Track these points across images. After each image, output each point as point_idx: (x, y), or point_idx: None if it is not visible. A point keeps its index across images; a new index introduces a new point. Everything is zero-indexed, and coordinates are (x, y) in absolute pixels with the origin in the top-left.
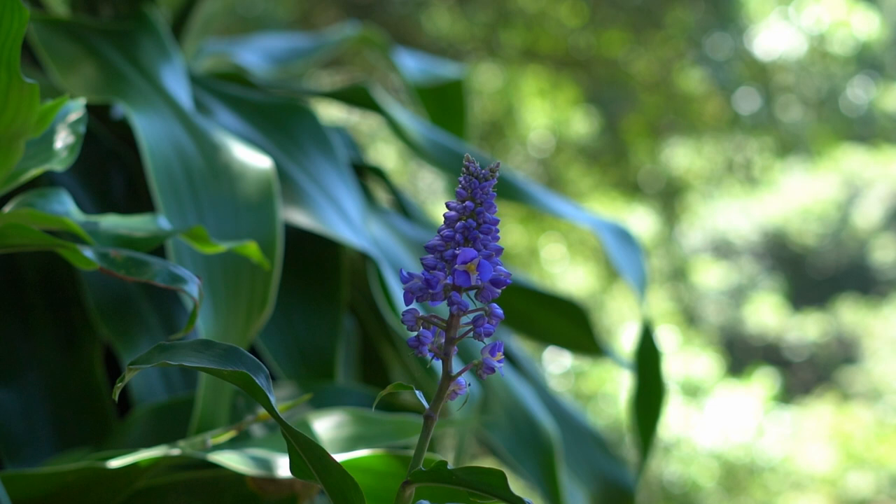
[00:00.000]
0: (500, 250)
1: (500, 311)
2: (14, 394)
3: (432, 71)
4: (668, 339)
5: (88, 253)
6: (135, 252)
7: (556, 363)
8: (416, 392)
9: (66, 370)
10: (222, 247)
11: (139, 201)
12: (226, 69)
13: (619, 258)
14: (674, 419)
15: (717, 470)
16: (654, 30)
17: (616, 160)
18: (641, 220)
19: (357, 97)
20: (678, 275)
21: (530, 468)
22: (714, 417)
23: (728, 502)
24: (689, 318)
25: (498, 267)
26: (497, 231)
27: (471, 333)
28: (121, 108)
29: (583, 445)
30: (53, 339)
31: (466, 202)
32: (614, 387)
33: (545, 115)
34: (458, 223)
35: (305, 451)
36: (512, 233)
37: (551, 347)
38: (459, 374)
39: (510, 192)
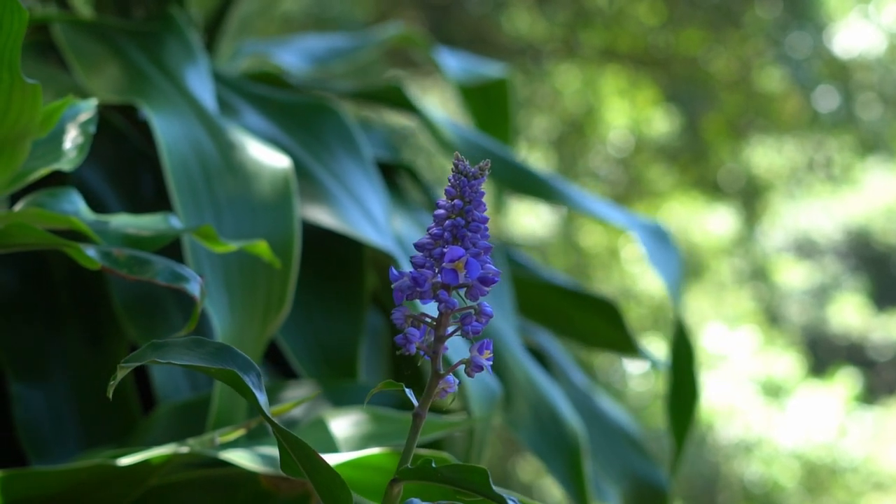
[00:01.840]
0: (488, 248)
1: (489, 309)
2: (41, 392)
3: (475, 70)
4: (749, 338)
5: (91, 252)
6: (138, 251)
7: (636, 363)
8: (406, 390)
9: (93, 369)
10: (233, 246)
11: (168, 201)
12: (263, 69)
13: (653, 257)
14: (755, 419)
15: (798, 470)
16: (732, 28)
17: (695, 159)
18: (721, 220)
19: (391, 96)
20: (759, 274)
21: (556, 467)
22: (796, 417)
23: (810, 503)
24: (772, 317)
25: (487, 265)
26: (486, 229)
27: (459, 332)
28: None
29: (616, 445)
30: (80, 338)
31: (455, 200)
32: None
33: (624, 114)
34: (447, 221)
35: (294, 450)
36: (592, 233)
37: (585, 347)
38: (448, 372)
39: (545, 191)
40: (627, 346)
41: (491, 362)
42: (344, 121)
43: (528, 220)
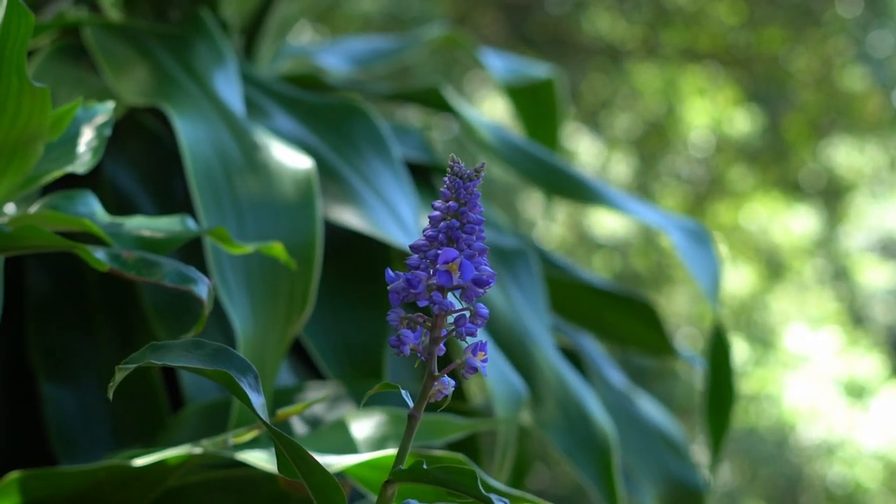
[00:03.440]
0: (483, 250)
1: (485, 310)
2: (72, 393)
3: (521, 71)
4: (832, 339)
5: (100, 254)
6: (148, 253)
7: None
8: (403, 392)
9: None
10: (248, 248)
11: None
12: (305, 71)
13: (689, 258)
14: (838, 420)
15: (881, 471)
16: (813, 27)
17: (776, 159)
18: (803, 220)
19: (429, 98)
20: (842, 275)
21: (586, 467)
22: (879, 418)
23: None
24: (856, 318)
25: (482, 266)
26: (481, 231)
27: (454, 333)
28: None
29: (652, 446)
30: (111, 339)
31: (450, 202)
32: (777, 387)
33: (705, 114)
34: (442, 223)
35: (289, 452)
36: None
37: (622, 348)
38: (442, 374)
39: (582, 192)
40: (664, 346)
41: (486, 363)
42: (374, 122)
43: (610, 220)
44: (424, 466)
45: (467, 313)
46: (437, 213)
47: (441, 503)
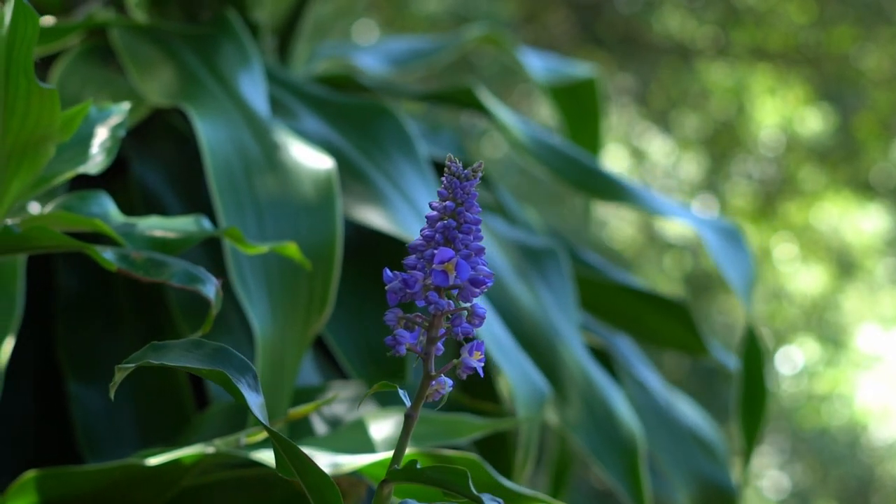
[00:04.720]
0: (480, 250)
1: (482, 310)
2: (98, 392)
3: (562, 70)
4: None
5: (108, 254)
6: (156, 253)
7: (789, 364)
8: (401, 391)
9: (149, 370)
10: (262, 248)
11: None
12: (339, 72)
13: (722, 258)
14: None
15: None
16: (884, 25)
17: (847, 158)
18: (874, 219)
19: (462, 97)
20: None
21: (613, 468)
22: None
23: None
24: None
25: (479, 266)
26: (479, 231)
27: (451, 333)
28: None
29: (684, 446)
30: (138, 338)
31: (447, 202)
32: (849, 388)
33: (776, 113)
34: (439, 223)
35: (286, 451)
36: None
37: (657, 347)
38: (439, 374)
39: (615, 194)
40: (699, 346)
41: (483, 363)
42: (400, 122)
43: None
44: (418, 466)
45: (464, 313)
46: (434, 212)
47: (440, 503)
